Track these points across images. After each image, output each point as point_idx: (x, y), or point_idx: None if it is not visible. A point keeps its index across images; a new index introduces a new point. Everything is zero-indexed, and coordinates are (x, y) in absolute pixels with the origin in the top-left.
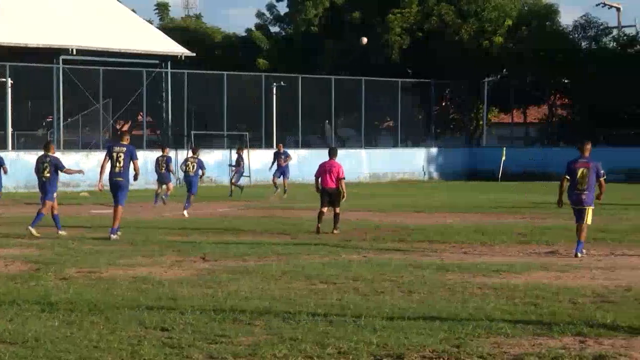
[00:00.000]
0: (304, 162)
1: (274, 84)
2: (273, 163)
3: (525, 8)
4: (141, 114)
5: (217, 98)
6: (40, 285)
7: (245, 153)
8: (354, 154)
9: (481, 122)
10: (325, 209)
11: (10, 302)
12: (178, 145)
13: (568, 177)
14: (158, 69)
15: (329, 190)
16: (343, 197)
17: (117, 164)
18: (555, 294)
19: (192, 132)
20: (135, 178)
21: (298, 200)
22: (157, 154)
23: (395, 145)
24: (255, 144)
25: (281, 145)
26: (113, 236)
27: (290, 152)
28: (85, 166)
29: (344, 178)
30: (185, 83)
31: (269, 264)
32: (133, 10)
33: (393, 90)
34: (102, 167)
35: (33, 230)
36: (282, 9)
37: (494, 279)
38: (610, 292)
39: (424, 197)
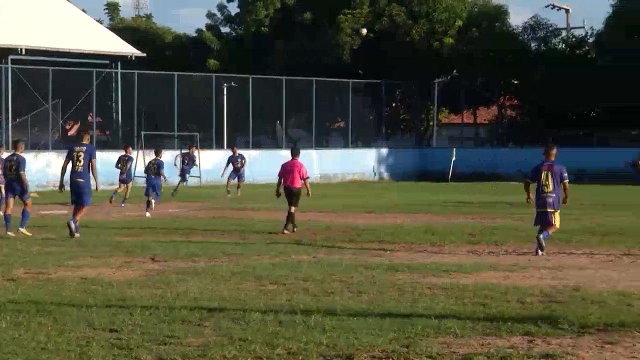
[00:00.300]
0: (255, 162)
1: (225, 84)
2: (226, 167)
3: (475, 9)
4: (91, 114)
5: (167, 98)
6: None
7: (196, 153)
8: (305, 154)
9: (431, 123)
10: (292, 209)
11: None
12: (128, 146)
13: (529, 181)
14: (108, 69)
15: (292, 189)
16: (308, 195)
17: (77, 164)
18: (504, 294)
19: (142, 133)
20: (95, 179)
21: (249, 201)
22: (108, 154)
23: (345, 146)
24: (206, 144)
25: (235, 148)
26: (77, 234)
27: (242, 152)
28: (34, 167)
29: (308, 177)
30: (135, 83)
31: (219, 264)
32: (83, 10)
33: (344, 90)
34: (63, 168)
35: (24, 230)
36: (233, 9)
37: (444, 279)
38: (558, 291)
39: (374, 197)
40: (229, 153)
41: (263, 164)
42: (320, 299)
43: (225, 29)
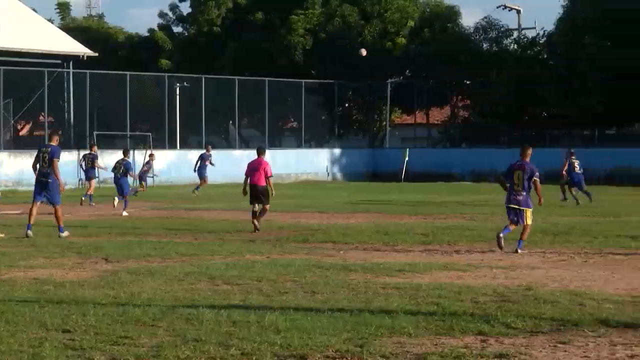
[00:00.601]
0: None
1: (177, 84)
2: (197, 164)
3: (427, 10)
4: (43, 114)
5: (119, 98)
6: None
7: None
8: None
9: (384, 123)
10: (256, 207)
11: None
12: (80, 146)
13: (503, 177)
14: (60, 69)
15: (258, 187)
16: (271, 194)
17: (43, 164)
18: (457, 294)
19: (95, 133)
20: (57, 178)
21: (202, 201)
22: (66, 155)
23: (299, 146)
24: (159, 144)
25: (210, 147)
26: (63, 234)
27: (194, 152)
28: None
29: (271, 176)
30: (87, 83)
31: (172, 265)
32: (34, 10)
33: (297, 91)
34: (33, 167)
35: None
36: (185, 9)
37: (397, 279)
38: (511, 291)
39: (327, 197)
40: (181, 153)
41: (216, 164)
42: (274, 299)
43: (177, 29)
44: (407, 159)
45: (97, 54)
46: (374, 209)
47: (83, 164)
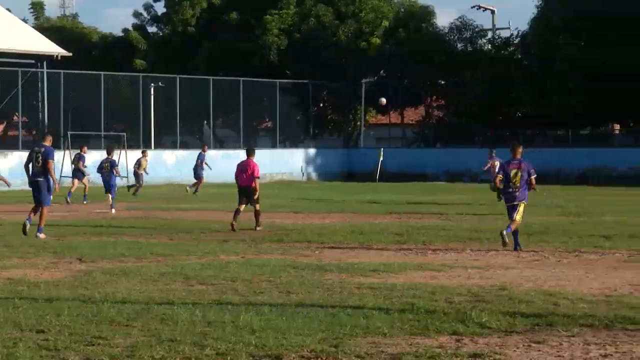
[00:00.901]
0: (183, 163)
1: (152, 84)
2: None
3: (402, 10)
4: (17, 114)
5: (94, 98)
6: None
7: (123, 154)
8: (233, 154)
9: (359, 123)
10: (242, 207)
11: None
12: (55, 146)
13: (501, 176)
14: (34, 69)
15: (245, 188)
16: (255, 193)
17: (36, 164)
18: (432, 294)
19: (69, 133)
20: (52, 178)
21: (178, 201)
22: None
23: (273, 146)
24: (133, 144)
25: (206, 147)
26: (40, 235)
27: (169, 152)
28: None
29: (258, 177)
30: (61, 83)
31: (147, 265)
32: (8, 10)
33: (271, 91)
34: (25, 167)
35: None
36: (160, 9)
37: (372, 279)
38: (485, 291)
39: (302, 197)
40: (156, 153)
41: (191, 165)
42: (249, 299)
43: (152, 29)
44: (381, 159)
45: (71, 54)
46: (349, 209)
47: (73, 163)
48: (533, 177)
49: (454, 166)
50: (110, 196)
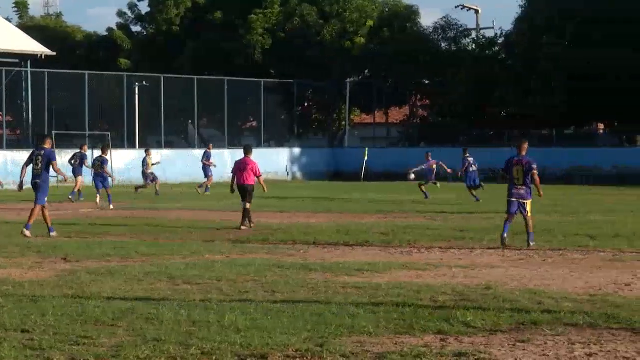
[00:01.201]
0: (168, 162)
1: (136, 83)
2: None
3: (386, 9)
4: (0, 113)
5: (78, 97)
6: None
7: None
8: (217, 154)
9: (343, 123)
10: (248, 205)
11: None
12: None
13: (504, 173)
14: (18, 68)
15: (244, 186)
16: (264, 190)
17: (36, 167)
18: (417, 293)
19: (53, 132)
20: (64, 178)
21: (163, 201)
22: (19, 154)
23: (258, 146)
24: (118, 144)
25: (211, 145)
26: (26, 232)
27: (154, 152)
28: None
29: (261, 175)
30: (45, 82)
31: (132, 264)
32: None
33: (256, 90)
34: (22, 170)
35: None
36: (144, 8)
37: (357, 278)
38: (470, 290)
39: (287, 197)
40: (140, 152)
41: (176, 164)
42: (234, 298)
43: (136, 28)
44: (366, 158)
45: (55, 53)
46: (334, 209)
47: (72, 161)
48: (534, 171)
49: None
50: (107, 194)
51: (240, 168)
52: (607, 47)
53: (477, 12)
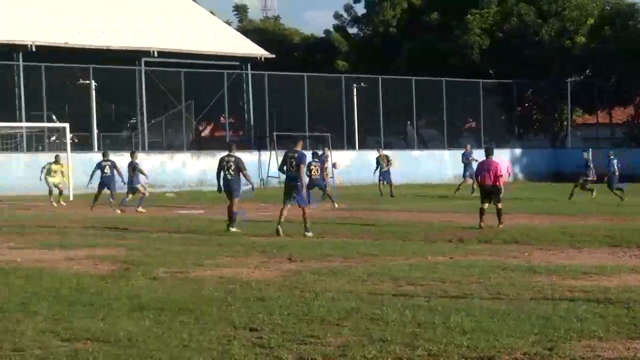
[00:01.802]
0: None
1: (354, 85)
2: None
3: (608, 7)
4: (223, 115)
5: (297, 99)
6: (130, 285)
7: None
8: (437, 155)
9: (565, 123)
10: (486, 206)
11: (101, 302)
12: (262, 146)
13: None
14: (239, 71)
15: (486, 187)
16: (501, 192)
17: (291, 168)
18: None
19: (274, 134)
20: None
21: (384, 202)
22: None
23: (479, 147)
24: (338, 144)
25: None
26: (308, 234)
27: (373, 153)
28: (169, 167)
29: (501, 175)
30: (265, 84)
31: (354, 265)
32: (211, 12)
33: (474, 90)
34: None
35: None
36: (360, 10)
37: (584, 282)
38: None
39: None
40: (360, 153)
41: (396, 165)
42: (459, 300)
43: (352, 30)
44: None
45: (274, 56)
46: (557, 210)
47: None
48: None
49: None
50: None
51: (483, 169)
52: None
53: None
